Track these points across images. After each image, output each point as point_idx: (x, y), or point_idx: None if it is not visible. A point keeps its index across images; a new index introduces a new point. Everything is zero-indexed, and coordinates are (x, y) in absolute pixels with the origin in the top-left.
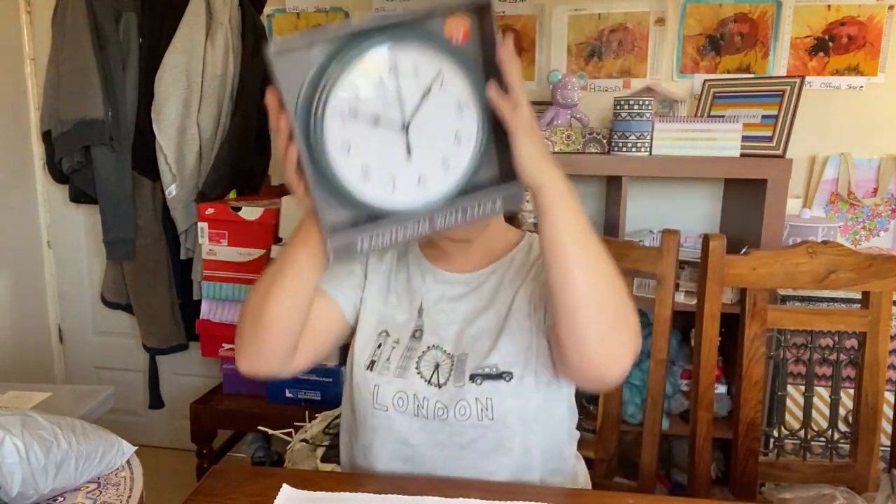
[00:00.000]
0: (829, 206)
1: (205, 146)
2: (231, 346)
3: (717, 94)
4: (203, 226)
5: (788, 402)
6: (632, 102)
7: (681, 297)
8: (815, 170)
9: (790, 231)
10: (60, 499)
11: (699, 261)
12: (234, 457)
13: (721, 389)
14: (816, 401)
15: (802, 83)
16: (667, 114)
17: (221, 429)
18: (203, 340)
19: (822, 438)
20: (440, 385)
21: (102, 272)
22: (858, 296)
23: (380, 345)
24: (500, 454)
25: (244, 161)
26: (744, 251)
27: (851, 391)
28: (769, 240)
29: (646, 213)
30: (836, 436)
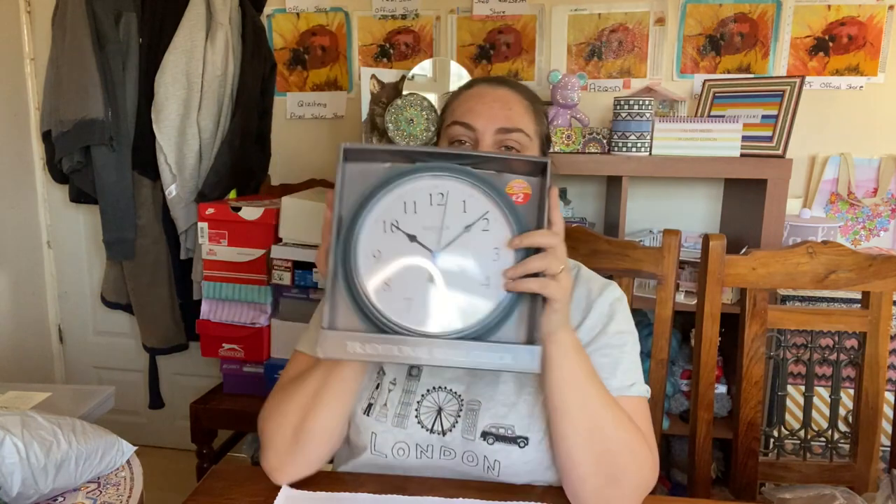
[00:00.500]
0: (829, 206)
1: (205, 146)
2: (231, 346)
3: (717, 94)
4: (203, 226)
5: (788, 402)
6: (632, 102)
7: (681, 297)
8: (815, 170)
9: (790, 231)
10: (60, 499)
11: (699, 261)
12: (234, 457)
13: (721, 389)
14: (816, 401)
15: (802, 83)
16: (667, 114)
17: (221, 429)
18: (203, 340)
19: (822, 438)
20: (444, 432)
21: (102, 272)
22: (858, 296)
23: (377, 385)
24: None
25: (244, 161)
26: (744, 251)
27: (851, 391)
28: (769, 240)
29: (646, 213)
30: (836, 436)
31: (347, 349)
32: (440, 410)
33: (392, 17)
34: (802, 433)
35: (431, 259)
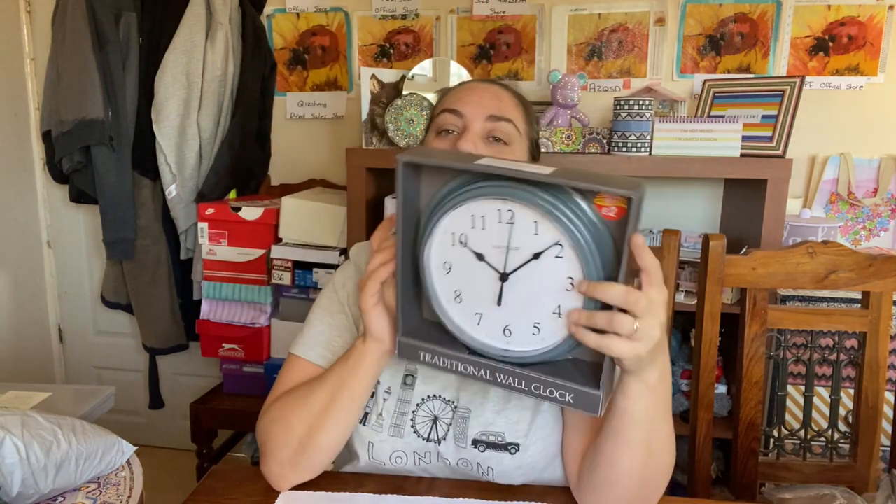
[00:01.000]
0: (829, 206)
1: (205, 146)
2: (231, 346)
3: (717, 94)
4: (203, 226)
5: (788, 402)
6: (632, 102)
7: (681, 297)
8: (815, 170)
9: (790, 231)
10: (60, 499)
11: (699, 261)
12: (234, 457)
13: (721, 389)
14: (816, 401)
15: (802, 83)
16: (667, 114)
17: (221, 429)
18: (203, 340)
19: (822, 438)
20: (439, 440)
21: (102, 272)
22: (858, 296)
23: (373, 394)
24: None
25: (244, 161)
26: (744, 251)
27: (851, 391)
28: (769, 240)
29: (646, 213)
30: (836, 436)
31: (420, 357)
32: (436, 419)
33: (392, 17)
34: (802, 433)
35: (500, 281)
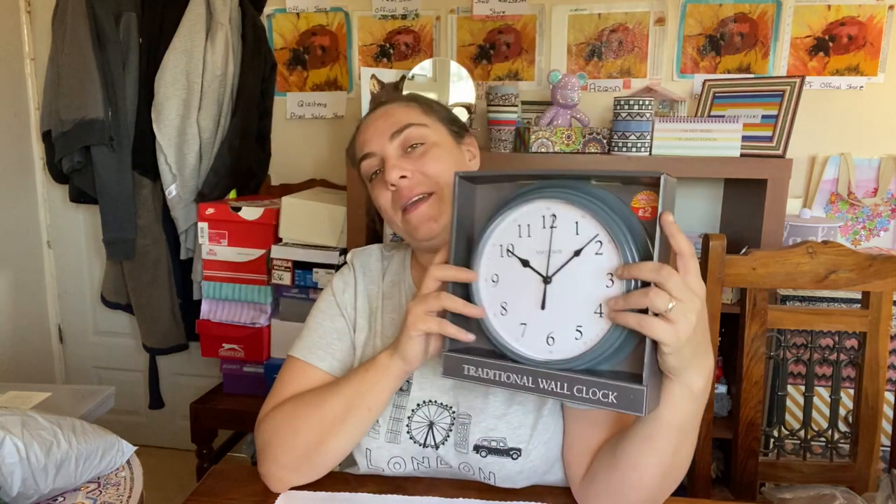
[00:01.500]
0: (829, 206)
1: (205, 146)
2: (231, 346)
3: (717, 94)
4: (203, 226)
5: (788, 402)
6: (632, 102)
7: None
8: (815, 170)
9: (790, 231)
10: (60, 499)
11: (699, 260)
12: (234, 457)
13: (721, 389)
14: (816, 401)
15: (802, 83)
16: (667, 114)
17: (221, 429)
18: (203, 340)
19: (822, 438)
20: (437, 445)
21: (102, 272)
22: (858, 296)
23: None
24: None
25: (244, 161)
26: (744, 251)
27: (851, 391)
28: (769, 240)
29: None
30: (836, 436)
31: (464, 371)
32: (431, 424)
33: (392, 17)
34: (802, 433)
35: (543, 285)
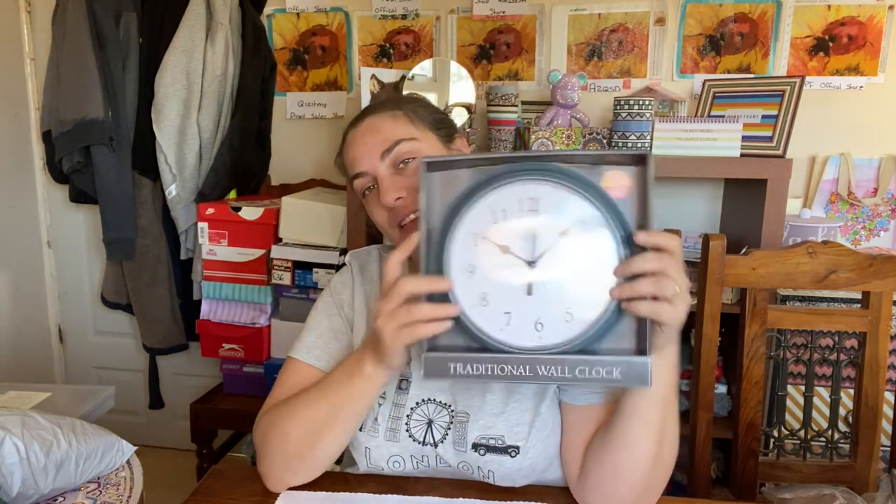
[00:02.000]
0: (829, 206)
1: (205, 146)
2: (231, 346)
3: (717, 94)
4: (203, 226)
5: (788, 402)
6: (632, 102)
7: None
8: (815, 170)
9: (790, 231)
10: (60, 499)
11: (699, 261)
12: (234, 457)
13: (721, 389)
14: (816, 401)
15: (802, 83)
16: (667, 114)
17: (221, 429)
18: (203, 340)
19: (822, 438)
20: (436, 444)
21: (102, 272)
22: (858, 296)
23: None
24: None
25: (244, 161)
26: (744, 251)
27: (851, 391)
28: (769, 240)
29: None
30: (836, 436)
31: (451, 371)
32: (430, 422)
33: (392, 17)
34: (802, 433)
35: (528, 270)
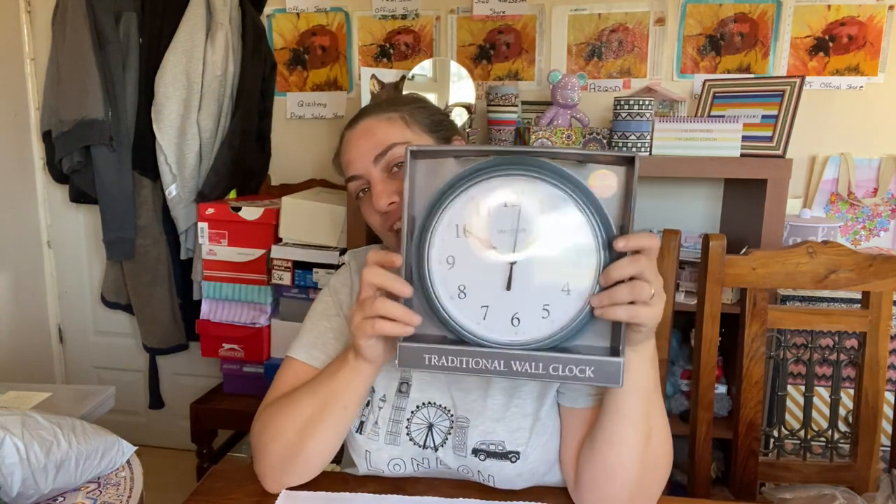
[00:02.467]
0: (829, 206)
1: (205, 146)
2: (231, 346)
3: (717, 94)
4: (203, 226)
5: (788, 402)
6: (632, 102)
7: (681, 297)
8: (815, 170)
9: (790, 231)
10: (60, 499)
11: (699, 261)
12: (234, 457)
13: (721, 389)
14: (816, 401)
15: (802, 83)
16: (667, 114)
17: (221, 429)
18: (203, 340)
19: (822, 438)
20: (436, 447)
21: (102, 272)
22: (858, 296)
23: (368, 402)
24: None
25: (244, 161)
26: (744, 251)
27: (851, 391)
28: (769, 240)
29: (646, 213)
30: (836, 436)
31: (425, 361)
32: (431, 426)
33: (392, 17)
34: (802, 433)
35: (507, 264)
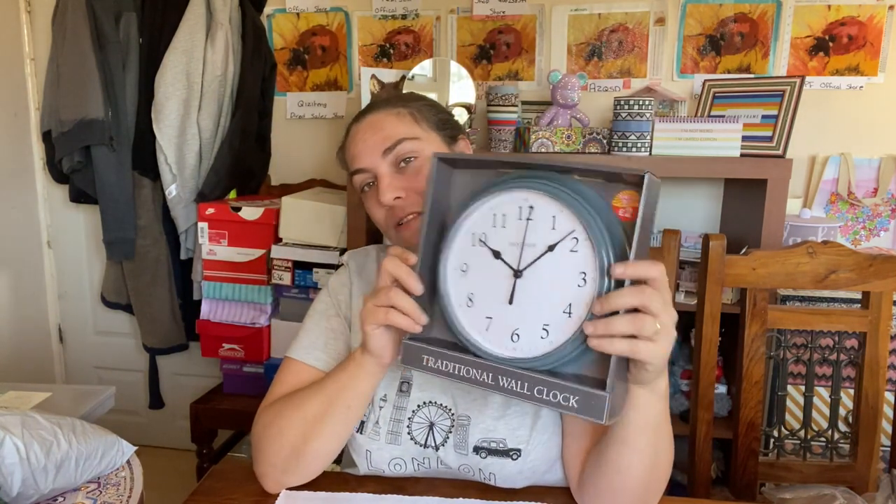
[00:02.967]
0: (829, 206)
1: (205, 146)
2: (231, 346)
3: (717, 94)
4: (203, 226)
5: (788, 402)
6: (632, 102)
7: (681, 297)
8: (815, 170)
9: (790, 231)
10: (60, 499)
11: (699, 261)
12: (234, 457)
13: (721, 389)
14: (816, 401)
15: (802, 83)
16: (667, 114)
17: (221, 429)
18: (203, 340)
19: (822, 438)
20: (437, 447)
21: (102, 272)
22: (858, 296)
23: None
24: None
25: (244, 161)
26: (744, 251)
27: (851, 391)
28: (769, 240)
29: None
30: (836, 436)
31: (423, 362)
32: (432, 425)
33: (392, 17)
34: (802, 433)
35: (513, 279)
